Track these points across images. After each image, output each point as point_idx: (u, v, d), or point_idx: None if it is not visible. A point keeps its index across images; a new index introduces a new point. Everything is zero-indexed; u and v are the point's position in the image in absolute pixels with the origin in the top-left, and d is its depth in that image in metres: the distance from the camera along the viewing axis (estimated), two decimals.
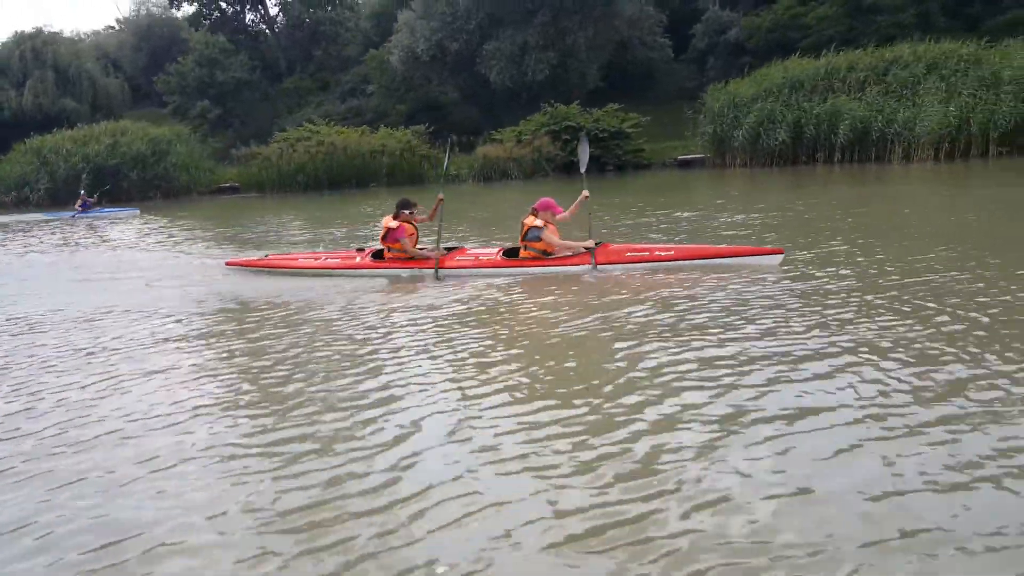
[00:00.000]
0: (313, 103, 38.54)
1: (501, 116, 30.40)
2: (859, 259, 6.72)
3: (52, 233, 17.14)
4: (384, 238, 7.74)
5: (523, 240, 7.27)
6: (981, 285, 5.32)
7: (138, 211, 22.13)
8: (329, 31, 40.92)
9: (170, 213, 21.78)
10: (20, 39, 40.42)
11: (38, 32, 41.26)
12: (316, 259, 8.25)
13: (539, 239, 7.17)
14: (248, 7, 41.81)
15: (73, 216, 22.54)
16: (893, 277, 5.84)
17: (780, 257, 6.70)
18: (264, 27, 42.87)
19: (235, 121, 38.31)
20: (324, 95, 39.73)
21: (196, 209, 23.91)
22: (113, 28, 51.29)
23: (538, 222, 7.15)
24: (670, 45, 35.53)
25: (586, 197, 7.37)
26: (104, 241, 14.25)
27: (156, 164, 30.66)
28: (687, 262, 6.83)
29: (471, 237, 10.32)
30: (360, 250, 8.23)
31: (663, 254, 6.96)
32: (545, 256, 7.22)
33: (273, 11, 42.62)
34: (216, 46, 37.51)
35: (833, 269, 6.33)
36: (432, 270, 7.44)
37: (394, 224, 7.63)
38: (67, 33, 49.14)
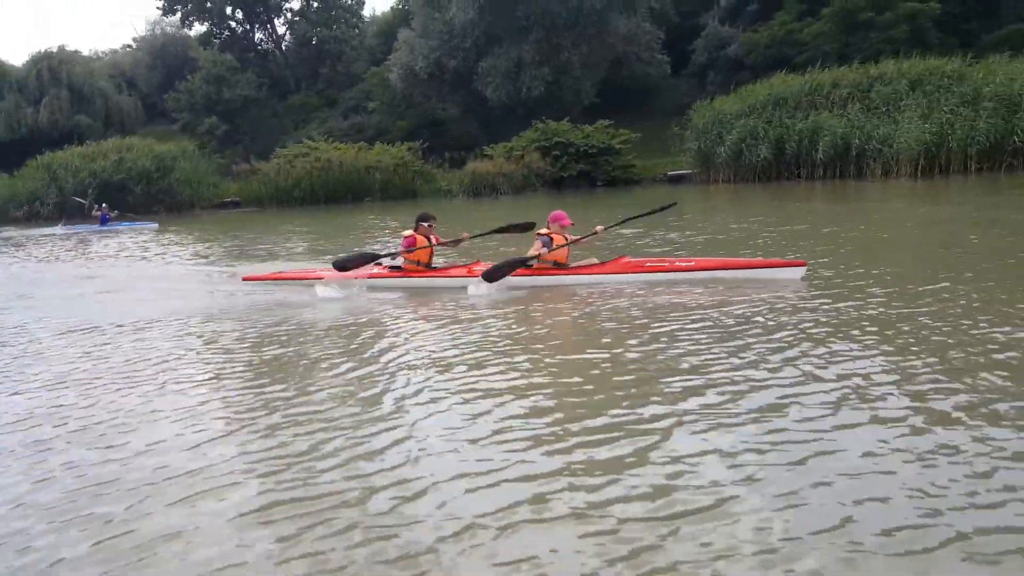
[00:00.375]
0: (318, 119, 39.34)
1: (498, 131, 30.85)
2: (871, 272, 6.64)
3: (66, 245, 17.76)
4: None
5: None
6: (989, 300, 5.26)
7: (157, 225, 22.64)
8: (334, 49, 41.77)
9: (179, 227, 22.16)
10: (37, 58, 41.79)
11: (55, 51, 42.62)
12: (335, 273, 8.33)
13: (550, 250, 7.18)
14: (257, 26, 42.82)
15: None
16: (908, 290, 5.76)
17: (802, 270, 6.59)
18: (272, 46, 43.84)
19: (244, 137, 39.21)
20: (330, 111, 40.54)
21: (200, 223, 24.45)
22: (130, 47, 52.71)
23: (543, 231, 7.26)
24: (668, 61, 35.79)
25: (596, 233, 7.38)
26: (125, 255, 14.36)
27: (161, 179, 31.56)
28: (707, 273, 6.82)
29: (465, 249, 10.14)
30: (378, 264, 8.21)
31: (683, 265, 6.96)
32: (556, 267, 7.25)
33: (281, 30, 43.65)
34: (223, 64, 38.49)
35: (855, 283, 6.25)
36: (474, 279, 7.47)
37: (407, 233, 7.78)
38: (86, 52, 50.84)
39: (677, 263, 7.05)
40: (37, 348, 5.81)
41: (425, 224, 7.78)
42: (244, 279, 8.72)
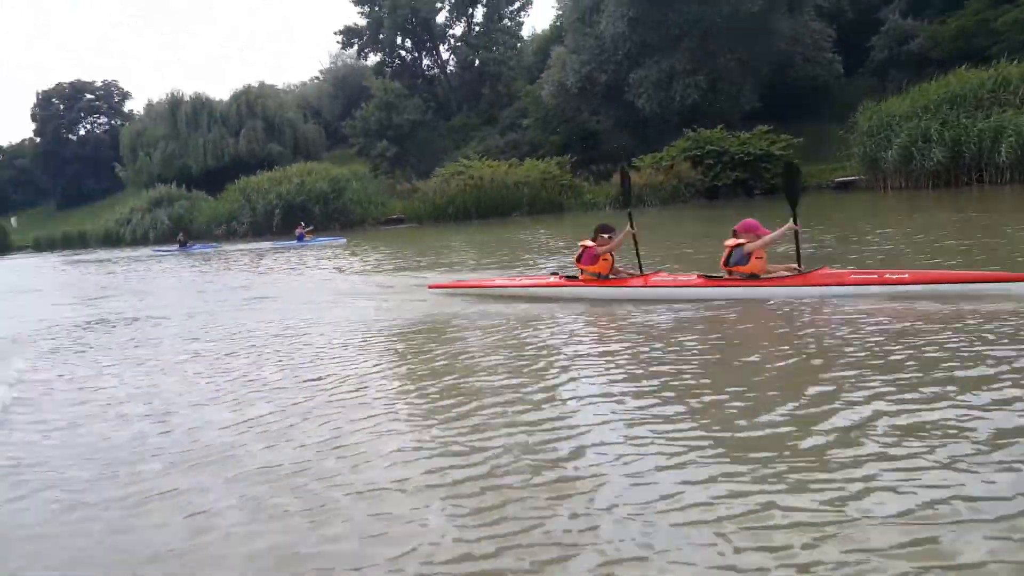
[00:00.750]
0: (477, 138, 40.97)
1: (651, 142, 30.38)
2: None
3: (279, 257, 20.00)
4: (579, 259, 7.87)
5: (725, 264, 6.99)
6: None
7: (344, 240, 24.70)
8: (493, 71, 43.33)
9: (359, 242, 23.77)
10: (237, 95, 47.30)
11: (253, 87, 47.93)
12: (513, 282, 8.65)
13: (746, 262, 6.82)
14: (424, 53, 45.47)
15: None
16: None
17: None
18: (438, 71, 46.32)
19: (412, 159, 41.72)
20: (488, 130, 42.08)
21: (373, 238, 26.12)
22: (317, 79, 57.95)
23: (741, 241, 6.88)
24: (840, 60, 33.35)
25: (790, 228, 6.81)
26: (324, 267, 15.64)
27: (336, 199, 34.47)
28: (924, 287, 6.17)
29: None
30: (555, 274, 8.41)
31: (895, 278, 6.35)
32: (751, 278, 6.87)
33: (445, 55, 46.03)
34: (393, 91, 41.22)
35: None
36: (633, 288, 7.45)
37: (589, 243, 7.75)
38: (280, 86, 56.55)
39: (887, 275, 6.42)
40: (267, 341, 6.87)
41: (605, 235, 7.69)
42: (429, 287, 9.26)
